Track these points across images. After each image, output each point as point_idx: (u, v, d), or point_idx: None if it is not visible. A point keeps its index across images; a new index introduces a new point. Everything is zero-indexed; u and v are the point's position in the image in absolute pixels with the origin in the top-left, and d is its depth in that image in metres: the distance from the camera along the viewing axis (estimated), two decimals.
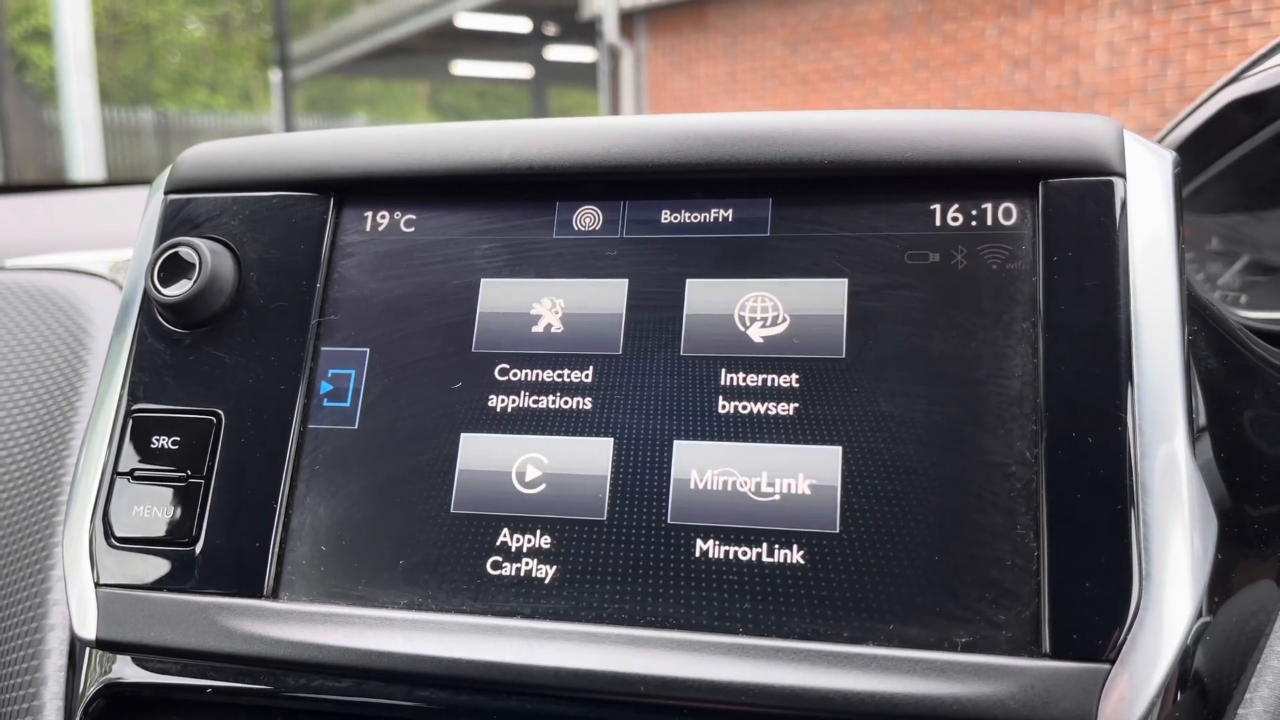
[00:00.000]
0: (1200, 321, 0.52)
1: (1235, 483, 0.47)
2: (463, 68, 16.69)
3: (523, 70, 16.07)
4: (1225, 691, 0.42)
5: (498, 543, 0.46)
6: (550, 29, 14.00)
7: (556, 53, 15.10)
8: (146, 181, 0.54)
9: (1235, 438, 0.49)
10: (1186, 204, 0.83)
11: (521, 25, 13.86)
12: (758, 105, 8.94)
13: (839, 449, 0.44)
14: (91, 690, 0.50)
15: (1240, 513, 0.46)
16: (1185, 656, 0.40)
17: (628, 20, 10.21)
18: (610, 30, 10.15)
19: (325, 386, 0.49)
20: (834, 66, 8.33)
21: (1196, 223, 0.87)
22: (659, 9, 9.84)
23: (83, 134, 6.85)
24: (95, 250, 0.84)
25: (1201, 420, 0.48)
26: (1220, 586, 0.43)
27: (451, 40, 14.31)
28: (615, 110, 10.62)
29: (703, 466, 0.45)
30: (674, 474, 0.45)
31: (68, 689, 0.52)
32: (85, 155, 6.87)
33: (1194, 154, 0.78)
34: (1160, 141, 0.80)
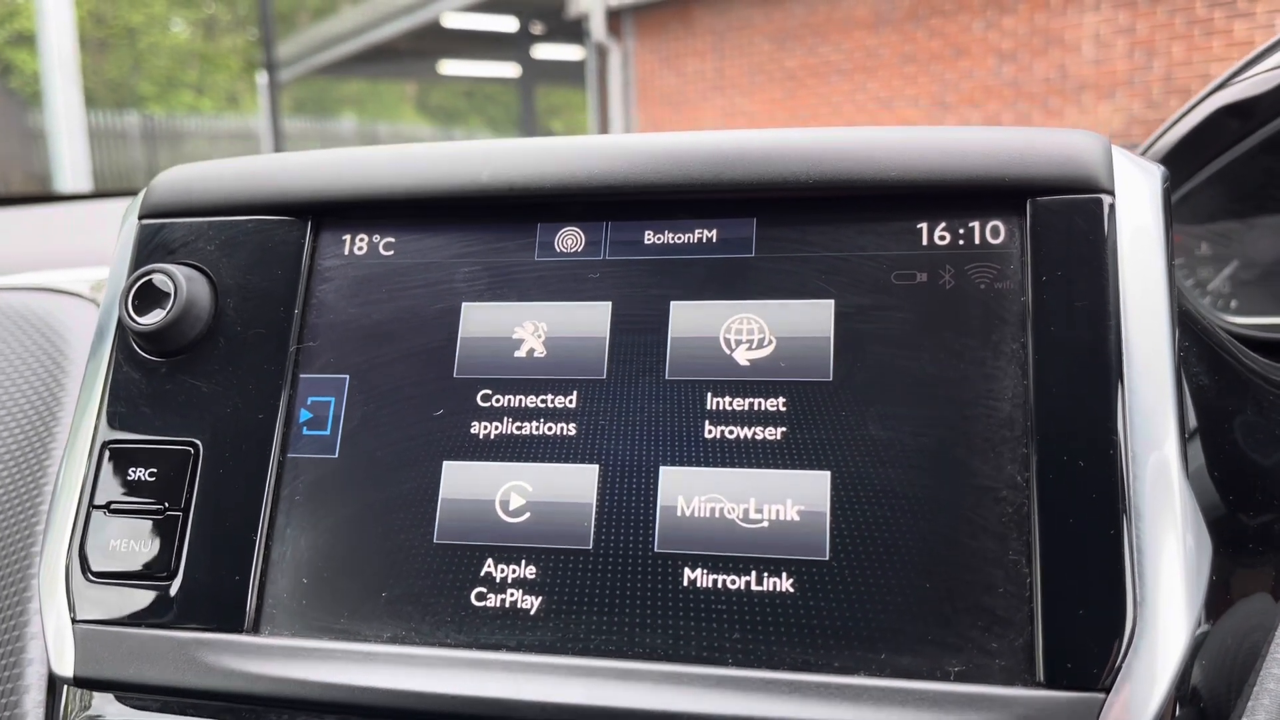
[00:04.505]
0: (1191, 336, 0.51)
1: (1229, 500, 0.46)
2: (450, 67, 16.66)
3: (510, 69, 16.05)
4: (1223, 711, 0.42)
5: (482, 573, 0.45)
6: (537, 28, 13.97)
7: (544, 51, 15.07)
8: (133, 192, 0.53)
9: (1228, 455, 0.48)
10: (1176, 210, 0.83)
11: (508, 24, 13.83)
12: (746, 101, 8.92)
13: (827, 474, 0.43)
14: None
15: (1234, 530, 0.46)
16: (1182, 680, 0.39)
17: (615, 18, 10.19)
18: (597, 28, 10.13)
19: (304, 415, 0.48)
20: (821, 62, 8.32)
21: (1186, 229, 0.86)
22: (646, 7, 9.82)
23: (68, 139, 6.81)
24: (81, 267, 0.82)
25: (1194, 438, 0.47)
26: (1215, 606, 0.43)
27: (438, 40, 14.26)
28: (603, 107, 10.60)
29: (690, 493, 0.44)
30: (660, 501, 0.44)
31: None
32: (71, 160, 6.83)
33: (1183, 160, 0.77)
34: (1148, 148, 0.80)
